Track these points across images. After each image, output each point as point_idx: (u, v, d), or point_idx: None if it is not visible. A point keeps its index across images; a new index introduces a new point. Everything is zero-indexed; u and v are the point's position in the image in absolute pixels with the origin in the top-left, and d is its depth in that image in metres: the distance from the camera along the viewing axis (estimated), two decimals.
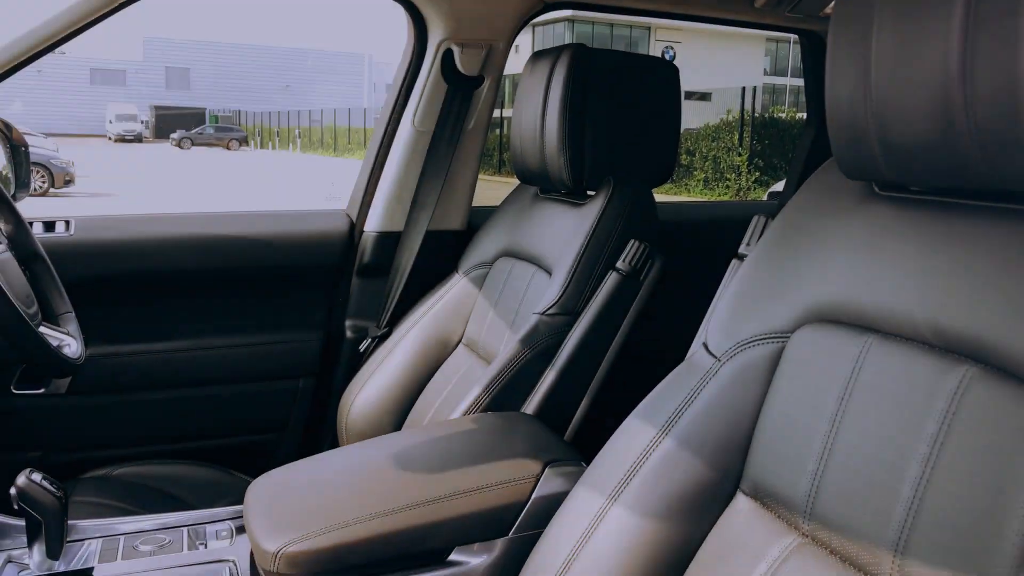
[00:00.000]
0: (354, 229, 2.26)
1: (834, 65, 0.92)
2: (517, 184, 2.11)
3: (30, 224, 1.62)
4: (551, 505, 1.18)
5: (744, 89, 17.58)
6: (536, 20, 2.24)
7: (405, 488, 1.26)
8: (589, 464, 1.13)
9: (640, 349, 1.69)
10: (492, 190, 2.44)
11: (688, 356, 1.16)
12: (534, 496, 1.28)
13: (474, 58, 2.12)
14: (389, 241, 2.24)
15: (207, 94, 45.86)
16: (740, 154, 17.00)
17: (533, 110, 1.84)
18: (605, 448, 1.12)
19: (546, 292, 1.73)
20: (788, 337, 1.01)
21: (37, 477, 1.24)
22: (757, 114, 17.97)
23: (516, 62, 2.12)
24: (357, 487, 1.29)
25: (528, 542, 1.15)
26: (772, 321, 1.04)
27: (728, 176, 17.09)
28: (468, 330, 2.00)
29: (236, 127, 39.29)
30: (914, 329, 0.87)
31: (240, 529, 1.40)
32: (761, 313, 1.06)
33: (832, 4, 2.01)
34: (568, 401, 1.67)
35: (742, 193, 16.44)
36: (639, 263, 1.67)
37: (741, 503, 1.02)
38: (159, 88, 46.06)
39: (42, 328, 1.44)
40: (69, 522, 1.32)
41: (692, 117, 19.11)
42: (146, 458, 1.95)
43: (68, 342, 1.51)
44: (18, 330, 1.28)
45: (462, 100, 2.16)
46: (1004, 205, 0.84)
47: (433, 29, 2.13)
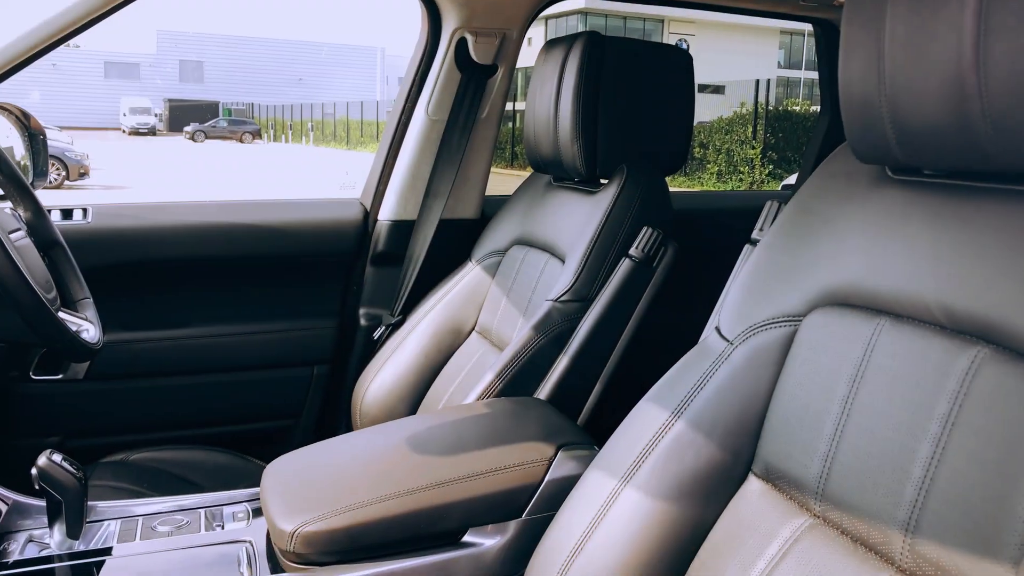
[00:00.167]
0: (368, 217, 2.27)
1: (848, 49, 0.92)
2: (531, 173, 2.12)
3: (48, 211, 1.64)
4: (564, 488, 1.19)
5: (758, 82, 17.48)
6: (549, 12, 2.25)
7: (419, 470, 1.27)
8: (601, 448, 1.14)
9: (653, 335, 1.69)
10: (504, 183, 2.44)
11: (701, 340, 1.16)
12: (547, 479, 1.29)
13: (488, 47, 2.12)
14: (403, 229, 2.25)
15: (220, 87, 45.99)
16: (754, 147, 16.93)
17: (547, 98, 1.84)
18: (618, 431, 1.12)
19: (559, 279, 1.74)
20: (800, 320, 1.02)
21: (57, 458, 1.25)
22: (771, 107, 17.88)
23: (529, 55, 2.12)
24: (372, 469, 1.30)
25: (541, 524, 1.16)
26: (785, 305, 1.04)
27: (742, 169, 17.02)
28: (481, 318, 2.01)
29: (249, 120, 39.39)
30: (926, 311, 0.87)
31: (257, 511, 1.42)
32: (774, 297, 1.06)
33: None
34: (581, 387, 1.68)
35: (756, 186, 16.36)
36: (652, 250, 1.68)
37: (753, 485, 1.02)
38: (173, 81, 46.23)
39: (61, 313, 1.45)
40: (88, 503, 1.34)
41: (705, 110, 19.01)
42: (163, 444, 1.97)
43: (86, 327, 1.53)
44: (38, 314, 1.29)
45: (475, 89, 2.17)
46: (1017, 187, 0.84)
47: (447, 18, 2.14)
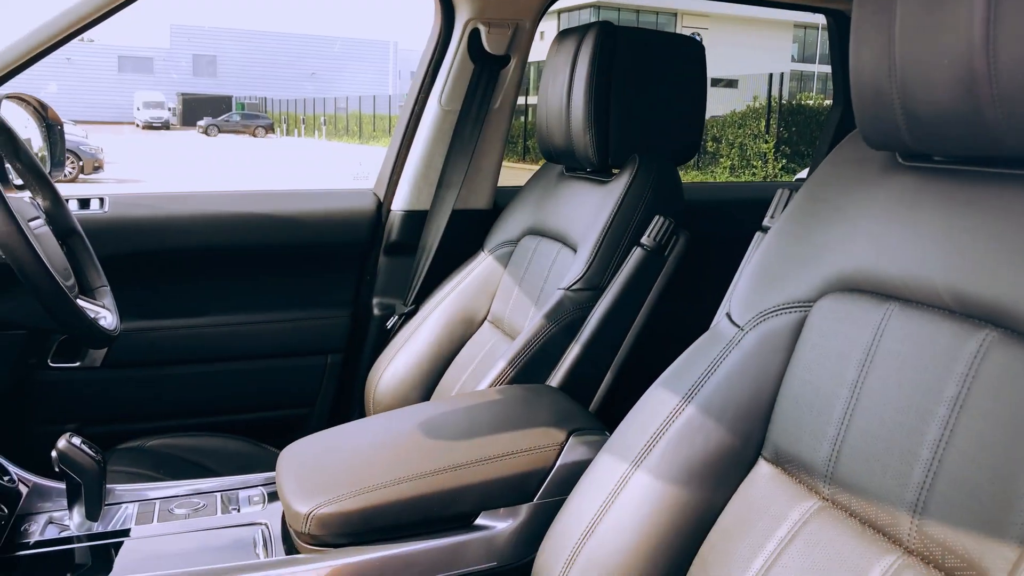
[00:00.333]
0: (381, 208, 2.29)
1: (858, 35, 0.93)
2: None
3: (66, 201, 1.66)
4: (575, 472, 1.21)
5: (771, 76, 17.39)
6: (561, 6, 2.25)
7: (433, 454, 1.29)
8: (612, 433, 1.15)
9: (664, 324, 1.70)
10: (516, 178, 2.45)
11: (712, 326, 1.17)
12: (559, 463, 1.31)
13: (501, 37, 2.13)
14: (416, 220, 2.26)
15: (234, 81, 46.06)
16: (767, 141, 16.85)
17: (559, 88, 1.85)
18: (628, 416, 1.14)
19: (571, 268, 1.75)
20: (811, 306, 1.02)
21: (77, 441, 1.27)
22: (784, 101, 17.79)
23: (541, 49, 2.13)
24: (386, 453, 1.32)
25: (552, 508, 1.17)
26: (795, 291, 1.05)
27: (755, 163, 16.95)
28: (493, 307, 2.02)
29: (262, 114, 39.45)
30: (935, 295, 0.88)
31: (272, 495, 1.44)
32: (784, 283, 1.07)
33: None
34: (592, 375, 1.69)
35: (768, 180, 16.31)
36: (664, 238, 1.69)
37: (763, 469, 1.03)
38: (186, 75, 46.34)
39: (79, 301, 1.47)
40: (106, 487, 1.36)
41: (718, 104, 18.93)
42: (178, 431, 2.00)
43: (104, 314, 1.55)
44: (57, 301, 1.31)
45: (488, 79, 2.17)
46: None
47: (460, 8, 2.14)
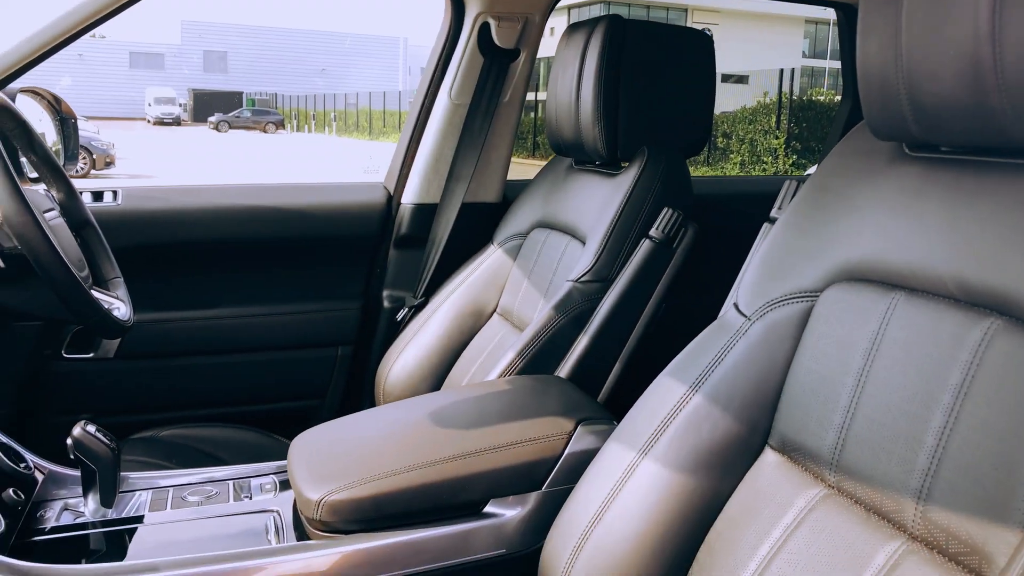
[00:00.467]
0: (392, 201, 2.30)
1: (865, 25, 0.93)
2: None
3: (80, 193, 1.67)
4: (583, 461, 1.22)
5: (782, 71, 17.33)
6: (572, 1, 2.25)
7: (442, 442, 1.30)
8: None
9: (672, 316, 1.71)
10: (525, 173, 2.45)
11: (719, 316, 1.18)
12: (567, 452, 1.32)
13: (510, 31, 2.14)
14: (426, 213, 2.27)
15: (244, 77, 46.20)
16: (777, 137, 16.79)
17: (569, 81, 1.86)
18: (636, 405, 1.14)
19: (580, 260, 1.76)
20: (817, 296, 1.03)
21: (91, 428, 1.29)
22: (795, 97, 17.72)
23: (550, 45, 2.13)
24: (396, 441, 1.33)
25: (561, 496, 1.18)
26: (802, 280, 1.06)
27: (765, 159, 16.89)
28: (503, 300, 2.03)
29: (273, 110, 39.57)
30: (941, 285, 0.89)
31: (284, 484, 1.45)
32: (791, 273, 1.08)
33: None
34: (600, 367, 1.69)
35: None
36: (672, 231, 1.69)
37: (769, 457, 1.04)
38: (197, 71, 46.49)
39: (93, 291, 1.49)
40: (120, 474, 1.38)
41: (729, 100, 18.87)
42: (190, 421, 2.02)
43: (117, 305, 1.57)
44: (72, 291, 1.33)
45: (498, 73, 2.18)
46: None
47: (470, 2, 2.15)
